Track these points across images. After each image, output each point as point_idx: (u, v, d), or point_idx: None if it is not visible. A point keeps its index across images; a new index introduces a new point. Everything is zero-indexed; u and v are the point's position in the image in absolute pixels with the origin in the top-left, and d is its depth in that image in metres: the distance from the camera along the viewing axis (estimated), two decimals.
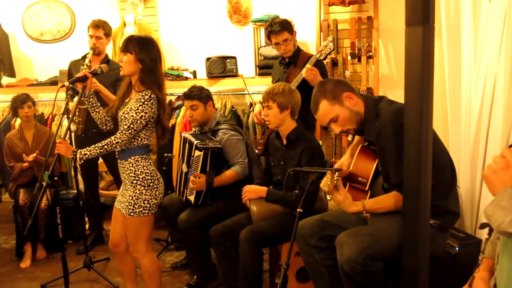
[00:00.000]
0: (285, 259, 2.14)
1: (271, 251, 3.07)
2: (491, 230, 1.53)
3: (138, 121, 2.42)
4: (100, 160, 4.06)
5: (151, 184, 2.49)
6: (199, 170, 3.04)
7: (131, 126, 2.41)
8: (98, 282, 3.36)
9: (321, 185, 2.12)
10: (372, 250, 2.08)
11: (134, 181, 2.47)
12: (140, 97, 2.43)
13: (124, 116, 2.46)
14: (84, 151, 2.42)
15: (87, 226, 4.11)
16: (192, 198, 3.09)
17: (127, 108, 2.48)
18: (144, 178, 2.48)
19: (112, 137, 2.43)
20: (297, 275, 2.80)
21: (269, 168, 3.07)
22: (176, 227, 3.16)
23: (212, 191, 3.09)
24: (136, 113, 2.41)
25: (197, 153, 3.03)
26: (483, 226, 1.53)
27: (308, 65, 3.11)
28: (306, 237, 2.36)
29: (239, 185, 3.02)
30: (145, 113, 2.42)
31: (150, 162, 2.53)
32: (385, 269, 2.14)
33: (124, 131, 2.42)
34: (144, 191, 2.48)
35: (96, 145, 2.43)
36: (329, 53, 3.12)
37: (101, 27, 3.76)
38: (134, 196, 2.47)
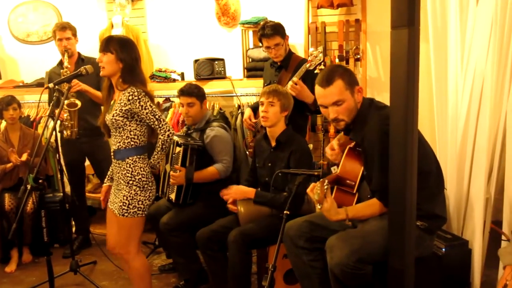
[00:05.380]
0: (272, 261, 2.14)
1: (258, 253, 3.06)
2: None
3: (155, 110, 2.48)
4: (87, 162, 4.03)
5: (146, 186, 2.53)
6: (179, 165, 3.04)
7: (158, 117, 2.48)
8: (84, 286, 3.32)
9: (311, 193, 2.06)
10: (362, 253, 2.07)
11: (130, 182, 2.49)
12: (130, 97, 2.42)
13: (115, 119, 2.45)
14: (153, 160, 2.57)
15: (74, 229, 4.06)
16: (173, 196, 3.08)
17: (114, 110, 2.46)
18: (140, 180, 2.50)
19: (160, 137, 2.51)
20: (285, 277, 2.79)
21: (255, 170, 3.07)
22: None
23: (192, 189, 3.07)
24: (144, 108, 2.45)
25: (177, 149, 3.06)
26: None
27: (294, 78, 3.07)
28: (294, 238, 2.35)
29: (222, 186, 3.00)
30: (148, 102, 2.46)
31: (146, 163, 2.55)
32: (373, 271, 2.15)
33: (161, 125, 2.49)
34: (139, 192, 2.51)
35: (156, 149, 2.52)
36: (319, 64, 3.07)
37: (67, 28, 3.71)
38: (129, 196, 2.49)
